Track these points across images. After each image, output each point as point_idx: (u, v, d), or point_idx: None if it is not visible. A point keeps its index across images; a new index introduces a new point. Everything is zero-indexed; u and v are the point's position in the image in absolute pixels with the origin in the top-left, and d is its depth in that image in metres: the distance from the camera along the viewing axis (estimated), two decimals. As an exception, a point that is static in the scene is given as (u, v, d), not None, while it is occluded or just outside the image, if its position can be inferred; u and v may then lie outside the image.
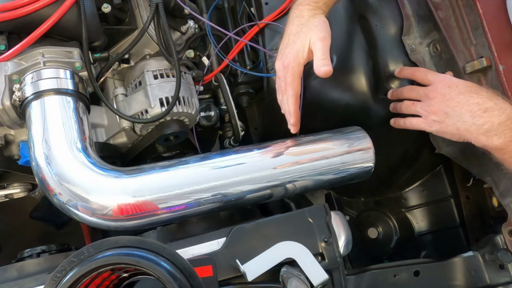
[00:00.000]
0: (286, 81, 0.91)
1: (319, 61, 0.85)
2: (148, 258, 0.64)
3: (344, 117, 1.07)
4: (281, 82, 0.93)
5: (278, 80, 0.95)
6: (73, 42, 0.95)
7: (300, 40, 0.89)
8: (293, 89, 0.90)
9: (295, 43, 0.89)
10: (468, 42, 0.99)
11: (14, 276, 0.85)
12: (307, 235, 0.84)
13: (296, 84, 0.90)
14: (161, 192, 0.85)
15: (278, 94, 0.97)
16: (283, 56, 0.91)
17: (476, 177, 1.10)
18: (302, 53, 0.88)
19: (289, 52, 0.90)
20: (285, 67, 0.90)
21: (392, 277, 0.95)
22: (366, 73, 1.06)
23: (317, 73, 0.85)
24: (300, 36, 0.89)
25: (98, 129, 1.02)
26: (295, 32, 0.91)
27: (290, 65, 0.89)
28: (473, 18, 0.97)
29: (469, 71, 0.97)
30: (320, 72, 0.84)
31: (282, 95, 0.94)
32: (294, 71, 0.89)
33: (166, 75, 1.02)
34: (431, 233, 1.30)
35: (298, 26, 0.91)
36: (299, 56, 0.89)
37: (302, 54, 0.88)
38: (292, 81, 0.90)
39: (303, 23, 0.90)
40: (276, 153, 0.94)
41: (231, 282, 0.80)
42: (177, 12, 1.07)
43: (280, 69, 0.92)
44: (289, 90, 0.90)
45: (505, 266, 0.94)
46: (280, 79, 0.93)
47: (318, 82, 1.03)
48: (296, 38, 0.90)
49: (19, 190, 1.03)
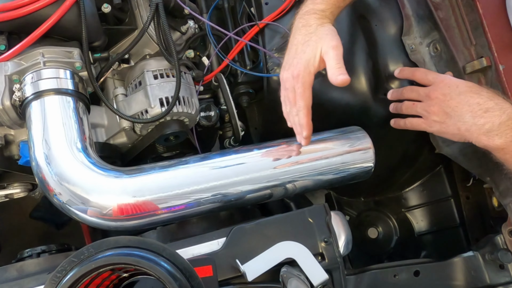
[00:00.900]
0: (296, 92, 0.87)
1: (335, 69, 0.81)
2: (148, 258, 0.64)
3: (344, 117, 1.07)
4: (289, 93, 0.89)
5: (286, 92, 0.90)
6: (73, 42, 0.95)
7: (310, 49, 0.85)
8: (305, 100, 0.86)
9: (305, 52, 0.86)
10: (468, 42, 0.99)
11: (14, 276, 0.85)
12: (307, 235, 0.84)
13: (308, 95, 0.86)
14: (161, 192, 0.85)
15: (285, 106, 0.93)
16: (291, 66, 0.88)
17: (476, 177, 1.11)
18: (313, 62, 0.85)
19: (298, 61, 0.86)
20: (294, 77, 0.86)
21: (392, 277, 0.95)
22: (366, 73, 1.06)
23: (334, 82, 0.81)
24: (310, 45, 0.86)
25: (98, 129, 1.02)
26: (303, 41, 0.87)
27: (300, 75, 0.85)
28: (473, 18, 0.97)
29: (469, 71, 0.97)
30: (338, 81, 0.81)
31: (291, 107, 0.90)
32: (305, 81, 0.85)
33: (166, 75, 1.02)
34: (431, 233, 1.30)
35: (306, 35, 0.87)
36: (310, 65, 0.85)
37: (313, 63, 0.85)
38: (303, 92, 0.86)
39: (311, 32, 0.87)
40: (276, 153, 0.93)
41: (231, 282, 0.80)
42: (177, 12, 1.07)
43: (288, 79, 0.88)
44: (300, 101, 0.86)
45: (505, 266, 0.94)
46: (288, 90, 0.89)
47: (318, 82, 1.03)
48: (305, 47, 0.86)
49: (19, 190, 1.03)
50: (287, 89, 0.90)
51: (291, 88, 0.88)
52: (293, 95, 0.88)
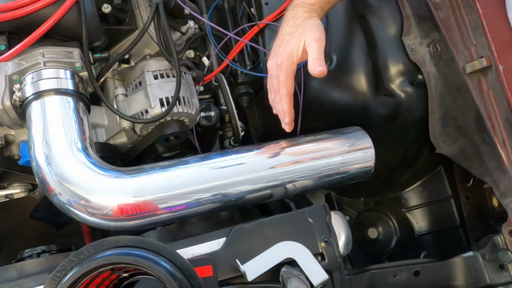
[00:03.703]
0: (279, 79, 0.90)
1: (314, 61, 0.85)
2: (148, 258, 0.65)
3: (344, 117, 1.07)
4: (273, 81, 0.92)
5: (270, 80, 0.94)
6: (73, 42, 0.95)
7: (294, 39, 0.89)
8: (287, 87, 0.90)
9: (289, 42, 0.89)
10: (468, 42, 0.99)
11: (14, 276, 0.85)
12: (307, 235, 0.84)
13: (290, 83, 0.90)
14: (161, 192, 0.85)
15: (269, 94, 0.96)
16: (276, 55, 0.91)
17: (476, 177, 1.11)
18: (296, 52, 0.88)
19: (283, 51, 0.90)
20: (278, 65, 0.90)
21: (392, 277, 0.95)
22: (366, 73, 1.06)
23: (312, 73, 0.84)
24: (295, 36, 0.89)
25: (98, 129, 1.02)
26: (290, 32, 0.91)
27: (283, 64, 0.89)
28: (473, 18, 0.97)
29: (469, 71, 0.97)
30: (315, 72, 0.84)
31: (275, 95, 0.93)
32: (287, 70, 0.89)
33: (166, 75, 1.02)
34: (431, 233, 1.30)
35: (292, 27, 0.91)
36: (293, 55, 0.88)
37: (296, 53, 0.88)
38: (286, 80, 0.89)
39: (298, 23, 0.90)
40: (276, 153, 0.94)
41: (231, 282, 0.80)
42: (177, 12, 1.07)
43: (272, 68, 0.92)
44: (283, 89, 0.90)
45: (505, 266, 0.94)
46: (272, 78, 0.93)
47: (318, 83, 1.04)
48: (290, 37, 0.90)
49: (19, 190, 1.03)
50: (271, 76, 0.93)
51: (275, 76, 0.91)
52: (277, 83, 0.91)
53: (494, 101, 0.94)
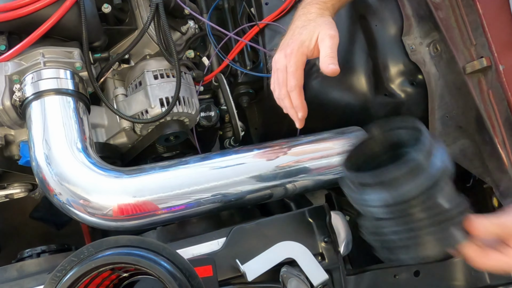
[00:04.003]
0: (288, 71, 0.83)
1: (327, 58, 0.79)
2: (148, 258, 0.64)
3: (344, 117, 1.07)
4: (280, 74, 0.85)
5: (276, 74, 0.87)
6: (73, 42, 0.95)
7: (307, 31, 0.83)
8: (297, 79, 0.82)
9: (301, 34, 0.83)
10: (468, 42, 0.99)
11: (14, 276, 0.85)
12: (307, 235, 0.84)
13: (300, 74, 0.82)
14: (161, 192, 0.85)
15: (274, 92, 0.89)
16: (285, 46, 0.85)
17: (476, 177, 1.10)
18: (308, 44, 0.82)
19: (294, 41, 0.83)
20: (287, 55, 0.83)
21: (392, 277, 0.94)
22: (366, 73, 1.06)
23: (324, 70, 0.79)
24: (307, 28, 0.84)
25: (98, 129, 1.02)
26: (301, 25, 0.85)
27: (293, 53, 0.82)
28: (473, 18, 0.97)
29: (469, 71, 0.97)
30: (328, 69, 0.78)
31: (281, 89, 0.86)
32: (297, 59, 0.82)
33: (166, 75, 1.02)
34: (431, 233, 1.29)
35: (305, 21, 0.86)
36: (304, 46, 0.82)
37: (308, 44, 0.82)
38: (295, 70, 0.82)
39: (310, 19, 0.85)
40: (276, 153, 0.93)
41: (231, 282, 0.80)
42: (177, 12, 1.07)
43: (280, 59, 0.85)
44: (292, 80, 0.82)
45: (505, 266, 0.94)
46: (279, 70, 0.85)
47: (318, 82, 1.03)
48: (302, 30, 0.84)
49: (19, 190, 1.03)
50: (278, 69, 0.86)
51: (282, 68, 0.85)
52: (284, 75, 0.84)
53: (494, 101, 0.94)
